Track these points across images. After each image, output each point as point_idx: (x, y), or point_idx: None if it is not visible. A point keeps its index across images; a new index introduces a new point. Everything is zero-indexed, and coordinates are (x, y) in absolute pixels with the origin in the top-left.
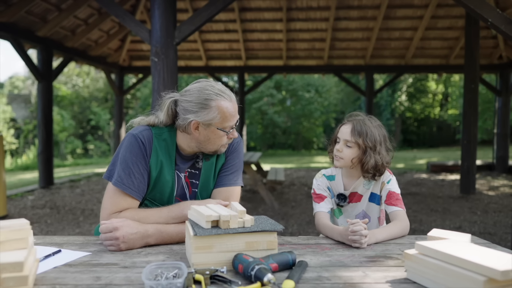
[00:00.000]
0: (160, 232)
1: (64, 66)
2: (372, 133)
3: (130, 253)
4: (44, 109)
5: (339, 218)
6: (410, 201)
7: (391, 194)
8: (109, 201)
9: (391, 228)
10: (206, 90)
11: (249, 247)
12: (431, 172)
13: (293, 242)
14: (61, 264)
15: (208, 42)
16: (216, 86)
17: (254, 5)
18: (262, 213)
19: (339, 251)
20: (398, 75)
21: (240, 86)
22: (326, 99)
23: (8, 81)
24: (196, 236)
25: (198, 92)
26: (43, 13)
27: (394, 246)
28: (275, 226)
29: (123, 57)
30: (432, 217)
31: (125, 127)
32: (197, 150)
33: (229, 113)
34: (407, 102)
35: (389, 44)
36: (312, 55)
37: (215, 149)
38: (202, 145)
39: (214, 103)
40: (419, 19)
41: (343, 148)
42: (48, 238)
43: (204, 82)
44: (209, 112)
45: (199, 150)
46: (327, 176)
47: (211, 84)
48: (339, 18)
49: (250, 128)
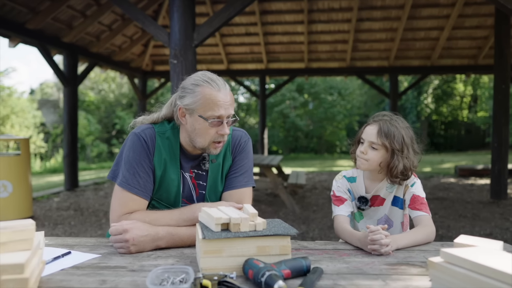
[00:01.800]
0: (171, 235)
1: (89, 71)
2: (401, 134)
3: (140, 256)
4: (70, 113)
5: (360, 222)
6: (437, 206)
7: (415, 198)
8: (117, 203)
9: (415, 234)
10: (197, 77)
11: (260, 252)
12: (459, 177)
13: (309, 247)
14: (69, 266)
15: (229, 45)
16: (208, 75)
17: (275, 8)
18: (283, 217)
19: (358, 257)
20: (424, 77)
21: (261, 89)
22: (349, 102)
23: (39, 88)
24: (205, 239)
25: (189, 79)
26: (69, 20)
27: (417, 253)
28: (288, 230)
29: (146, 62)
30: (461, 223)
31: (129, 126)
32: (193, 145)
33: (212, 100)
34: (434, 105)
35: (414, 44)
36: (334, 57)
37: (204, 144)
38: (192, 137)
39: (198, 88)
40: (446, 18)
41: (367, 150)
42: (60, 240)
43: (201, 72)
44: (192, 97)
45: (193, 145)
46: (348, 178)
47: (204, 73)
48: (361, 19)
49: (272, 132)
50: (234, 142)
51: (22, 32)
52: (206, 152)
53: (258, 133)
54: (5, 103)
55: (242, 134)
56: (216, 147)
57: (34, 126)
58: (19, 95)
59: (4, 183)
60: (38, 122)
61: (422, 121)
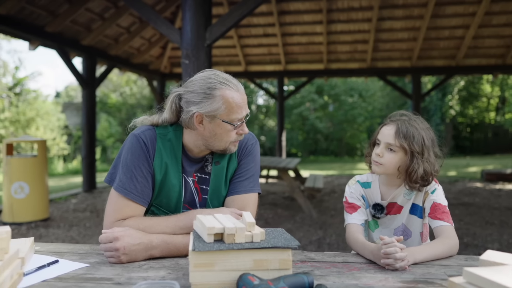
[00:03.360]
0: (166, 243)
1: (107, 73)
2: (420, 136)
3: (131, 267)
4: (88, 115)
5: (375, 232)
6: (462, 212)
7: (436, 206)
8: (111, 208)
9: (435, 246)
10: (209, 78)
11: (258, 266)
12: (486, 181)
13: (316, 259)
14: (52, 277)
15: (247, 47)
16: (221, 75)
17: (293, 8)
18: (299, 221)
19: (370, 272)
20: (448, 77)
21: (279, 91)
22: (370, 103)
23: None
24: (194, 251)
25: (201, 81)
26: (87, 23)
27: (438, 268)
28: (289, 242)
29: (164, 64)
30: (488, 230)
31: (128, 127)
32: (205, 149)
33: (236, 104)
34: (459, 106)
35: (438, 44)
36: (354, 57)
37: (224, 146)
38: (209, 142)
39: (218, 92)
40: (471, 16)
41: (384, 153)
42: (52, 246)
43: (209, 71)
44: (213, 103)
45: (206, 149)
46: (362, 183)
47: (216, 73)
48: (382, 18)
49: (291, 134)
50: (241, 145)
51: (42, 35)
52: (226, 152)
53: (276, 135)
54: (31, 106)
55: (249, 136)
56: (235, 145)
57: (58, 128)
58: (44, 98)
59: (21, 184)
60: (62, 125)
61: (446, 123)
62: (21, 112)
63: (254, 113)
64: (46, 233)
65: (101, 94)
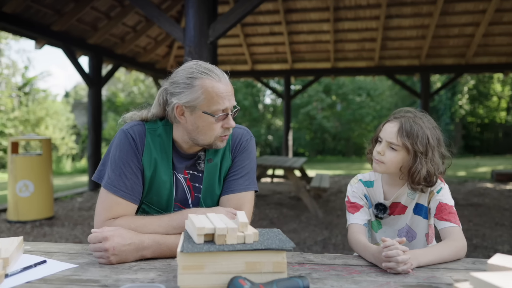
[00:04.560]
0: (158, 244)
1: (113, 72)
2: (425, 134)
3: (120, 268)
4: (94, 114)
5: (378, 232)
6: (471, 213)
7: (442, 207)
8: (101, 207)
9: (441, 249)
10: (190, 68)
11: (250, 269)
12: (496, 181)
13: (315, 261)
14: (36, 278)
15: (253, 45)
16: (203, 65)
17: (299, 6)
18: (305, 221)
19: (371, 276)
20: (458, 76)
21: (285, 90)
22: (379, 103)
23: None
24: (183, 253)
25: (182, 71)
26: (93, 22)
27: (443, 272)
28: (284, 244)
29: (170, 63)
30: (497, 231)
31: (118, 123)
32: (193, 144)
33: (216, 94)
34: (469, 106)
35: (447, 42)
36: (361, 56)
37: (209, 141)
38: (193, 135)
39: (197, 82)
40: (481, 14)
41: (385, 151)
42: (44, 245)
43: (192, 62)
44: (192, 92)
45: (194, 145)
46: (364, 182)
47: (198, 63)
48: (390, 16)
49: (298, 134)
50: (235, 141)
51: (48, 33)
52: (212, 147)
53: (283, 134)
54: (40, 105)
55: (243, 132)
56: (223, 140)
57: (67, 127)
58: (53, 97)
59: (26, 182)
60: (71, 124)
61: (456, 123)
62: (31, 111)
63: (261, 112)
64: (51, 231)
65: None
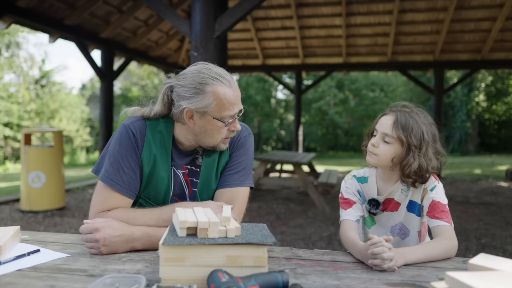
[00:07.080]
0: (149, 236)
1: (125, 66)
2: (420, 129)
3: (110, 258)
4: (106, 107)
5: (371, 229)
6: (482, 211)
7: (434, 205)
8: (97, 199)
9: (430, 247)
10: (201, 73)
11: (231, 263)
12: (511, 180)
13: (303, 256)
14: (27, 266)
15: (264, 40)
16: (214, 69)
17: (311, 0)
18: (312, 217)
19: (356, 273)
20: (473, 71)
21: (297, 85)
22: (392, 99)
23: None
24: (164, 245)
25: (193, 75)
26: (105, 16)
27: (430, 270)
28: (265, 239)
29: (182, 57)
30: (508, 231)
31: (119, 115)
32: (195, 144)
33: (227, 100)
34: (486, 103)
35: (463, 37)
36: (374, 51)
37: (214, 143)
38: (199, 138)
39: (209, 88)
40: (499, 8)
41: (379, 143)
42: (41, 235)
43: (201, 64)
44: (204, 99)
45: (197, 144)
46: (358, 178)
47: (208, 67)
48: (404, 10)
49: (310, 129)
50: (233, 137)
51: (61, 27)
52: (216, 149)
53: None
54: (54, 98)
55: (242, 128)
56: (226, 142)
57: (82, 120)
58: (69, 90)
59: (38, 173)
60: (86, 117)
61: (472, 120)
62: (45, 104)
63: (273, 107)
64: (61, 221)
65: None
